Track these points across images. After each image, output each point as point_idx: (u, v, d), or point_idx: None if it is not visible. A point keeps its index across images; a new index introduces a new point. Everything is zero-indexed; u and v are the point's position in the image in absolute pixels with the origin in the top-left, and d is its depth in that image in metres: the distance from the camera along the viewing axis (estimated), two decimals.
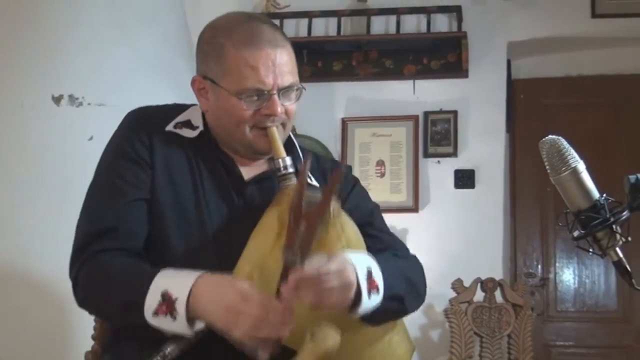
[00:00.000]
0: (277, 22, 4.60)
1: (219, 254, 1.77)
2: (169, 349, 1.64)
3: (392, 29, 4.58)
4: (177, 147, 1.85)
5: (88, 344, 2.07)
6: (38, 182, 3.26)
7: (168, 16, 3.99)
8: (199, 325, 1.62)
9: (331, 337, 1.61)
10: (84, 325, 2.13)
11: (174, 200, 1.80)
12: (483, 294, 3.97)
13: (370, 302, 1.66)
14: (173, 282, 1.62)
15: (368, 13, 4.58)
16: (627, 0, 4.45)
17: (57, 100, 3.33)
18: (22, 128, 3.29)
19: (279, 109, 1.79)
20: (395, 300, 1.76)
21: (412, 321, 4.20)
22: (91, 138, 3.33)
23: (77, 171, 3.28)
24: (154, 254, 1.79)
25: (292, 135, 1.95)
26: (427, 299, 4.41)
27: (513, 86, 4.74)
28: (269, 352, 1.58)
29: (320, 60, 4.63)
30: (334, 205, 1.63)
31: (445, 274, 4.04)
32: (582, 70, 4.80)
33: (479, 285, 3.97)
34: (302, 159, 1.91)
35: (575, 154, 1.66)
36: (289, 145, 1.91)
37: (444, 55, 4.54)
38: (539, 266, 4.66)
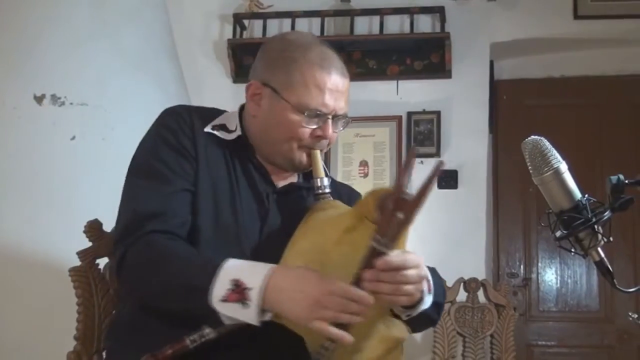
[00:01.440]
0: (260, 22, 4.61)
1: (246, 253, 1.80)
2: (207, 330, 1.66)
3: (376, 30, 4.58)
4: (216, 146, 1.90)
5: (70, 344, 2.06)
6: (20, 182, 3.24)
7: (150, 15, 3.98)
8: (268, 315, 1.65)
9: (404, 329, 1.72)
10: (66, 327, 2.11)
11: (211, 195, 1.84)
12: (466, 294, 3.97)
13: (427, 302, 1.75)
14: (245, 271, 1.65)
15: (351, 13, 4.58)
16: (609, 2, 4.47)
17: (39, 99, 3.32)
18: (3, 128, 3.28)
19: (331, 132, 1.89)
20: (435, 307, 1.84)
21: None
22: (73, 137, 3.32)
23: (59, 170, 3.28)
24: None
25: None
26: None
27: (496, 87, 4.75)
28: (349, 336, 1.60)
29: None
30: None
31: None
32: (564, 72, 4.82)
33: (461, 285, 3.98)
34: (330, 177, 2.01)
35: (557, 155, 1.68)
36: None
37: (427, 56, 4.54)
38: (522, 266, 4.68)
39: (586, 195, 1.68)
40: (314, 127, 1.86)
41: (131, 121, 3.05)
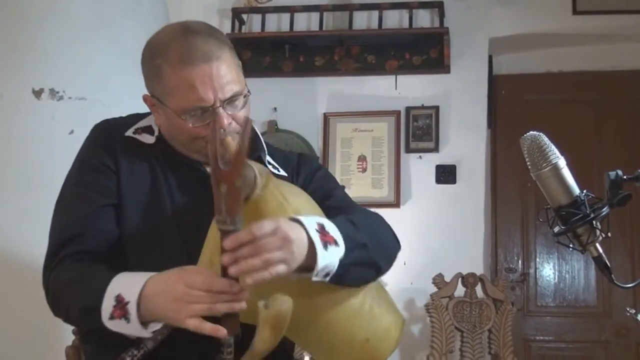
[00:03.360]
0: (259, 16, 4.61)
1: (187, 251, 1.77)
2: (144, 342, 1.64)
3: (374, 24, 4.57)
4: (139, 153, 1.88)
5: (69, 338, 2.07)
6: (19, 176, 3.24)
7: (149, 9, 3.97)
8: (155, 326, 1.62)
9: (284, 302, 1.58)
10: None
11: (140, 203, 1.82)
12: (464, 289, 3.98)
13: (329, 255, 1.59)
14: (125, 285, 1.63)
15: (350, 8, 4.57)
16: None
17: (37, 93, 3.32)
18: (2, 122, 3.28)
19: (226, 121, 1.77)
20: (359, 249, 1.69)
21: None
22: (72, 132, 3.31)
23: (58, 165, 3.26)
24: (124, 255, 1.80)
25: (254, 127, 1.92)
26: (408, 294, 4.45)
27: (494, 82, 4.75)
28: (231, 332, 1.56)
29: (302, 55, 4.62)
30: (260, 167, 1.59)
31: (426, 269, 4.05)
32: (563, 67, 4.82)
33: (459, 280, 3.98)
34: (265, 148, 1.95)
35: (556, 150, 1.68)
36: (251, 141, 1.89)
37: (425, 51, 4.54)
38: (520, 261, 4.68)
39: (584, 191, 1.68)
40: (207, 121, 1.77)
41: None
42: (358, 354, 1.76)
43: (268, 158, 1.96)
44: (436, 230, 4.36)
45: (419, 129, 4.49)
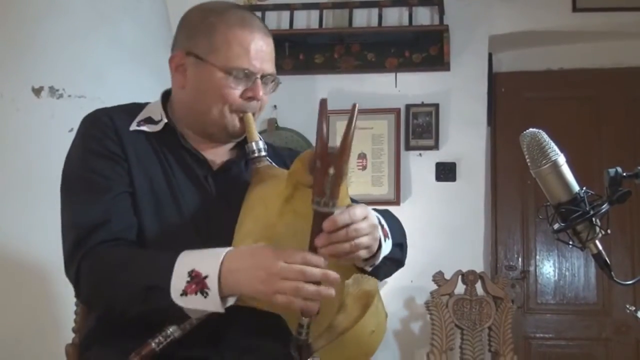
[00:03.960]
0: (258, 14, 4.60)
1: (199, 239, 1.77)
2: (171, 330, 1.63)
3: (374, 22, 4.57)
4: (144, 142, 1.87)
5: (69, 336, 2.07)
6: (18, 174, 3.24)
7: (149, 7, 3.97)
8: (231, 301, 1.62)
9: (369, 282, 1.69)
10: (64, 318, 2.12)
11: (150, 191, 1.81)
12: (464, 286, 3.98)
13: (386, 247, 1.72)
14: (199, 260, 1.62)
15: (350, 6, 4.57)
16: None
17: (37, 91, 3.31)
18: (2, 120, 3.27)
19: (261, 93, 1.83)
20: (397, 248, 1.83)
21: (393, 313, 4.23)
22: (72, 130, 3.29)
23: (57, 163, 3.27)
24: (142, 244, 1.79)
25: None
26: (408, 292, 4.46)
27: (494, 79, 4.75)
28: (314, 311, 1.58)
29: (302, 53, 4.62)
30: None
31: (426, 266, 4.05)
32: (563, 64, 4.82)
33: (460, 277, 3.99)
34: (265, 143, 1.95)
35: (555, 147, 1.68)
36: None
37: (425, 49, 4.54)
38: (520, 259, 4.68)
39: (584, 188, 1.68)
40: (243, 88, 1.82)
41: None
42: (364, 345, 1.78)
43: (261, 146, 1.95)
44: (436, 228, 4.36)
45: (419, 126, 4.49)
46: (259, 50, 1.82)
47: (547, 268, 4.67)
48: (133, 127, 1.87)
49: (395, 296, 4.27)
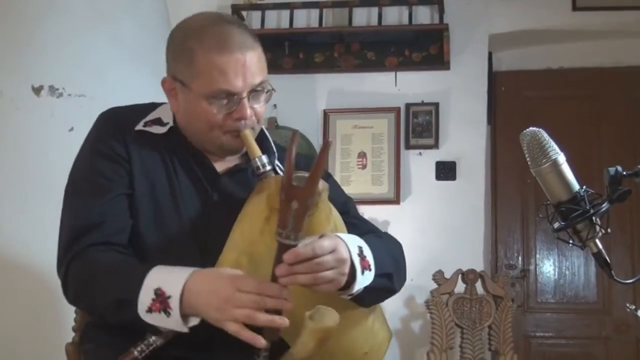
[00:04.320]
0: (258, 13, 4.61)
1: (197, 245, 1.79)
2: (153, 338, 1.65)
3: (374, 21, 4.57)
4: (149, 144, 1.87)
5: (69, 335, 2.07)
6: (18, 173, 3.24)
7: (148, 5, 3.97)
8: (194, 321, 1.63)
9: (330, 316, 1.64)
10: (64, 317, 2.12)
11: (150, 194, 1.82)
12: (464, 285, 3.98)
13: (363, 279, 1.68)
14: (166, 279, 1.63)
15: (350, 5, 4.57)
16: None
17: (37, 90, 3.31)
18: (1, 119, 3.27)
19: (249, 112, 1.80)
20: (385, 278, 1.79)
21: (393, 312, 4.24)
22: (71, 129, 3.31)
23: (57, 162, 3.26)
24: (137, 247, 1.80)
25: (263, 128, 1.98)
26: (408, 291, 4.45)
27: (494, 78, 4.75)
28: (269, 339, 1.59)
29: (301, 52, 4.62)
30: (322, 183, 1.63)
31: (426, 265, 4.05)
32: (563, 63, 4.82)
33: (459, 276, 3.98)
34: (275, 151, 1.96)
35: (555, 146, 1.68)
36: (261, 140, 1.93)
37: (425, 48, 4.54)
38: (520, 258, 4.68)
39: (584, 187, 1.68)
40: (229, 110, 1.79)
41: None
42: None
43: (277, 162, 1.94)
44: (436, 227, 4.36)
45: (419, 125, 4.49)
46: (240, 68, 1.77)
47: (547, 267, 4.67)
48: (139, 127, 1.88)
49: (395, 295, 4.26)
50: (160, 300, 1.60)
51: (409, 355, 4.30)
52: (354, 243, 1.68)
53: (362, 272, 1.67)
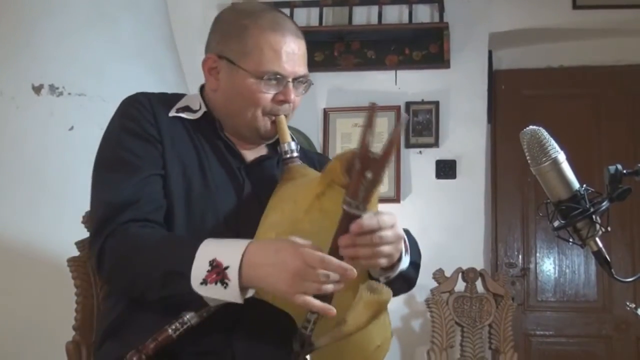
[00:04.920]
0: None
1: (227, 229, 1.79)
2: (188, 316, 1.64)
3: (374, 20, 4.57)
4: (181, 128, 1.88)
5: (69, 333, 2.07)
6: (18, 172, 3.24)
7: (149, 4, 3.96)
8: (250, 292, 1.63)
9: (385, 290, 1.66)
10: (65, 316, 2.11)
11: (182, 177, 1.82)
12: (464, 284, 3.98)
13: (404, 262, 1.72)
14: (221, 250, 1.62)
15: (350, 3, 4.57)
16: None
17: (37, 89, 3.31)
18: (1, 118, 3.27)
19: (292, 96, 1.85)
20: (412, 267, 1.82)
21: (394, 311, 4.20)
22: (71, 128, 3.31)
23: (57, 161, 3.27)
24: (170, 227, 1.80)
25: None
26: None
27: (494, 77, 4.75)
28: (333, 312, 1.58)
29: None
30: None
31: (426, 264, 3.99)
32: (563, 62, 4.82)
33: (460, 275, 3.98)
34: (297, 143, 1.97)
35: (555, 145, 1.68)
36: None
37: (425, 46, 4.54)
38: (520, 256, 4.68)
39: (584, 185, 1.68)
40: (275, 91, 1.84)
41: None
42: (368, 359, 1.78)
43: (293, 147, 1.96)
44: (436, 226, 4.36)
45: (419, 124, 4.50)
46: (291, 54, 1.83)
47: (548, 265, 4.67)
48: (172, 113, 1.89)
49: None
50: (217, 271, 1.59)
51: (409, 353, 4.30)
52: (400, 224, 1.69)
53: (405, 254, 1.71)
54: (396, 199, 4.39)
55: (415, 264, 1.84)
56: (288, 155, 1.87)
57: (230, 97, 1.88)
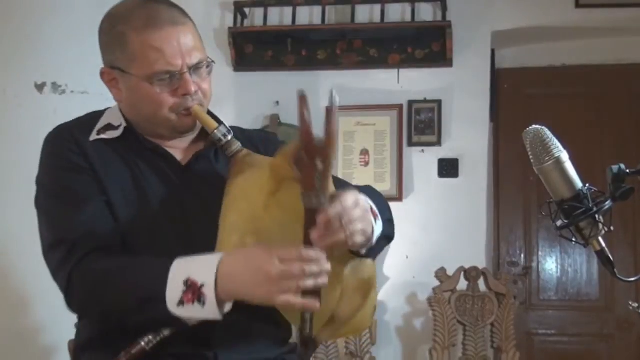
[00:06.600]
0: (261, 10, 4.60)
1: (178, 238, 1.76)
2: (165, 332, 1.63)
3: (377, 18, 4.56)
4: (107, 151, 1.83)
5: (71, 332, 2.07)
6: (21, 171, 3.24)
7: None
8: (228, 306, 1.60)
9: (369, 265, 1.67)
10: (65, 315, 2.11)
11: (124, 199, 1.78)
12: (466, 282, 3.98)
13: (377, 228, 1.68)
14: (193, 268, 1.60)
15: (352, 2, 4.57)
16: None
17: (40, 87, 3.32)
18: (4, 116, 3.28)
19: (193, 87, 1.77)
20: (387, 224, 1.79)
21: (396, 310, 4.24)
22: None
23: None
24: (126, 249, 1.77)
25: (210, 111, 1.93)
26: (411, 288, 4.46)
27: (497, 76, 4.75)
28: (317, 302, 1.57)
29: (304, 49, 4.62)
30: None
31: (428, 262, 4.05)
32: (565, 60, 4.81)
33: (462, 274, 3.99)
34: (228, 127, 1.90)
35: (558, 144, 1.67)
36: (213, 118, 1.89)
37: (428, 45, 4.54)
38: (522, 255, 4.68)
39: (587, 185, 1.68)
40: (173, 88, 1.77)
41: None
42: (357, 322, 1.77)
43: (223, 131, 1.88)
44: (438, 224, 4.36)
45: (422, 122, 4.49)
46: (175, 46, 1.75)
47: (550, 264, 4.67)
48: (93, 137, 1.84)
49: (398, 292, 4.28)
50: (193, 290, 1.57)
51: (411, 352, 4.30)
52: (362, 196, 1.67)
53: (375, 221, 1.67)
54: (398, 197, 4.38)
55: (388, 220, 1.81)
56: (222, 142, 1.79)
57: (134, 104, 1.82)
